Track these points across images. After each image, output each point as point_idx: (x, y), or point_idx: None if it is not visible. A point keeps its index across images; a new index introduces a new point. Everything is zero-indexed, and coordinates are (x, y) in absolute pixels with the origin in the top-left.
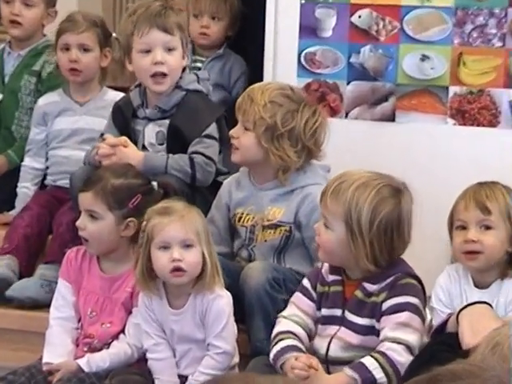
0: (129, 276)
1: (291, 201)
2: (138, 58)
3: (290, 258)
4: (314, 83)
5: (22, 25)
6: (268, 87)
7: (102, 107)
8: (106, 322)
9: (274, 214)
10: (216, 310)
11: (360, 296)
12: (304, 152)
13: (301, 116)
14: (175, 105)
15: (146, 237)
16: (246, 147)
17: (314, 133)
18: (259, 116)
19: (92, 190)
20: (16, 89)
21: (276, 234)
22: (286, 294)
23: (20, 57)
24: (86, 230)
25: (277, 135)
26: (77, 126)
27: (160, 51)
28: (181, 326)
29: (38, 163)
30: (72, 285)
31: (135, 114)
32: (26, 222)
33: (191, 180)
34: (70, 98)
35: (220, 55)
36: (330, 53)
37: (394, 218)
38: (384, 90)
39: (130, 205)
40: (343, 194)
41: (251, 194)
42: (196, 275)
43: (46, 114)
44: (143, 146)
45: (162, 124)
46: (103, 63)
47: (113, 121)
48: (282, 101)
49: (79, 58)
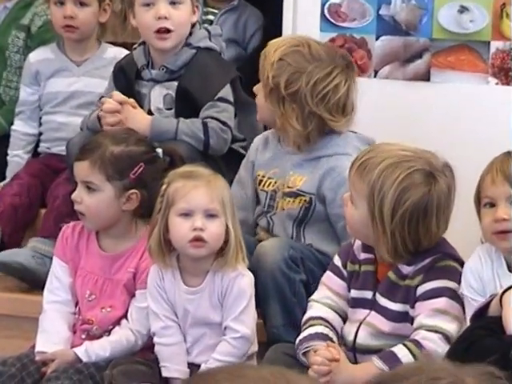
0: (131, 254)
1: (316, 169)
2: (140, 12)
3: (310, 233)
4: (338, 38)
5: None
6: (285, 43)
7: (103, 66)
8: (106, 306)
9: (295, 181)
10: (237, 289)
11: (393, 278)
12: (313, 119)
13: (308, 77)
14: (184, 64)
15: (166, 201)
16: (260, 106)
17: (323, 97)
18: (266, 76)
19: (89, 158)
20: (3, 46)
21: (295, 203)
22: (304, 274)
23: (6, 9)
24: (83, 203)
25: (280, 98)
26: (74, 89)
27: (164, 4)
28: (196, 307)
29: (31, 128)
30: (68, 264)
31: (139, 76)
32: (14, 191)
33: (204, 147)
34: (65, 57)
35: (234, 7)
36: (357, 4)
37: (420, 208)
38: (417, 45)
39: (131, 175)
40: (369, 173)
41: (276, 156)
42: (216, 249)
43: (38, 72)
44: (149, 111)
45: (170, 86)
46: (102, 18)
47: (114, 83)
48: (292, 59)
49: (75, 13)
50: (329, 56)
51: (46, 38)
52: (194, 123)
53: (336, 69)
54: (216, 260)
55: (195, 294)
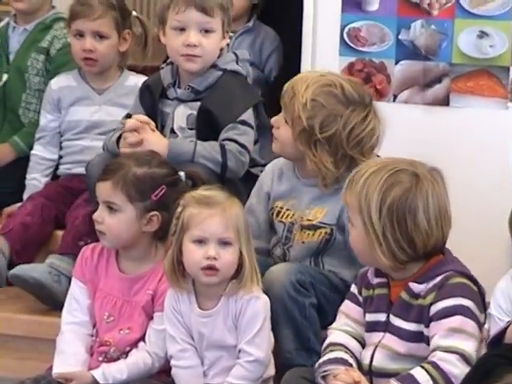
0: (151, 276)
1: (336, 200)
2: (170, 34)
3: (329, 261)
4: (358, 62)
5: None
6: (315, 81)
7: (124, 95)
8: (124, 328)
9: (316, 214)
10: (251, 312)
11: (405, 297)
12: (345, 161)
13: (345, 122)
14: (210, 85)
15: (181, 225)
16: (284, 142)
17: (359, 142)
18: (297, 115)
19: (111, 179)
20: (22, 68)
21: (315, 236)
22: (315, 297)
23: (26, 32)
24: (104, 223)
25: (314, 140)
26: (96, 118)
27: (195, 33)
28: (210, 330)
29: (50, 153)
30: (87, 286)
31: (165, 94)
32: (27, 211)
33: (221, 169)
34: (87, 85)
35: (249, 29)
36: (377, 28)
37: (404, 203)
38: (437, 70)
39: (153, 197)
40: (356, 185)
41: (294, 188)
42: (229, 276)
43: (59, 100)
44: (172, 129)
45: (194, 106)
46: (122, 48)
47: (140, 100)
48: (325, 100)
49: (95, 46)
50: (360, 97)
51: (65, 61)
52: (211, 145)
53: (370, 112)
54: (230, 284)
55: (209, 317)
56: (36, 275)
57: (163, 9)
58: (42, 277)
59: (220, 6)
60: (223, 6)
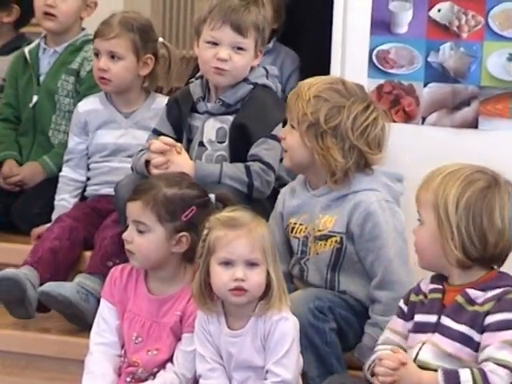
0: (179, 298)
1: (343, 207)
2: (203, 47)
3: (345, 277)
4: (386, 85)
5: (56, 17)
6: (317, 81)
7: (150, 118)
8: (152, 349)
9: (326, 224)
10: (279, 333)
11: (461, 301)
12: (353, 153)
13: (348, 111)
14: (241, 99)
15: (207, 248)
16: (292, 148)
17: (364, 131)
18: (302, 112)
19: (142, 199)
20: (52, 90)
21: (327, 246)
22: (334, 322)
23: (56, 54)
24: (133, 243)
25: (320, 133)
26: (122, 141)
27: (226, 48)
28: (239, 350)
29: (79, 175)
30: (116, 307)
31: (194, 108)
32: (54, 235)
33: (248, 189)
34: (113, 108)
35: (269, 50)
36: (406, 51)
37: (483, 199)
38: (466, 93)
39: (182, 217)
40: (433, 182)
41: (304, 202)
42: (257, 296)
43: (86, 123)
44: (200, 143)
45: (224, 120)
46: (142, 71)
47: (167, 115)
48: (328, 95)
49: (108, 66)
50: (361, 91)
51: (95, 83)
52: (237, 167)
53: (372, 104)
54: (259, 304)
55: (238, 337)
56: (65, 292)
57: (199, 22)
58: (71, 294)
59: (255, 26)
60: (258, 26)
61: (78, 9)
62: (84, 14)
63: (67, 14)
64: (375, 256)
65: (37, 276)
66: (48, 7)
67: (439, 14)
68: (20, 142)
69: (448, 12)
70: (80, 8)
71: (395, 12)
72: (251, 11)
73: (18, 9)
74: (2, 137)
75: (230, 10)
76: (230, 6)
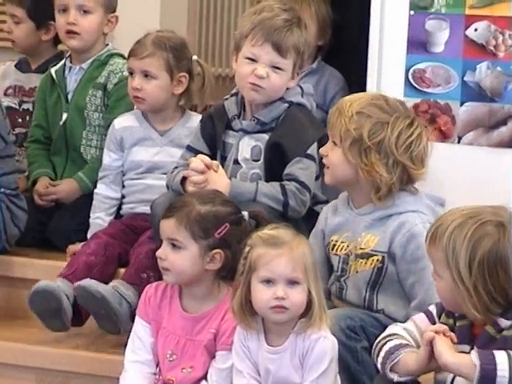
0: (213, 316)
1: (387, 227)
2: (242, 62)
3: (383, 296)
4: (422, 104)
5: (79, 34)
6: (359, 97)
7: (185, 136)
8: (186, 367)
9: (368, 242)
10: (318, 352)
11: (492, 332)
12: (397, 168)
13: (392, 127)
14: (276, 118)
15: (248, 266)
16: (334, 164)
17: (408, 147)
18: (345, 129)
19: (175, 216)
20: (81, 106)
21: (367, 264)
22: (366, 341)
23: (82, 70)
24: (167, 260)
25: (364, 149)
26: (157, 159)
27: (265, 67)
28: (277, 367)
29: (114, 192)
30: (150, 325)
31: (229, 126)
32: (90, 250)
33: (283, 208)
34: (149, 125)
35: (313, 70)
36: (442, 70)
37: (495, 256)
38: (503, 112)
39: (216, 234)
40: (441, 239)
41: (347, 220)
42: (298, 314)
43: (122, 139)
44: (235, 160)
45: (259, 138)
46: (176, 90)
47: (201, 132)
48: (371, 111)
49: (142, 85)
50: (403, 107)
51: (123, 95)
52: (272, 185)
53: (416, 120)
54: (299, 322)
55: (277, 354)
56: (102, 290)
57: (241, 37)
58: (107, 294)
59: (295, 48)
60: (299, 49)
61: (99, 25)
62: (106, 29)
63: (89, 30)
64: (416, 278)
65: (71, 287)
66: (70, 25)
67: (476, 33)
68: (53, 160)
69: (485, 31)
70: (102, 24)
71: (432, 31)
72: (293, 33)
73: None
74: (34, 157)
75: (272, 30)
76: (273, 25)
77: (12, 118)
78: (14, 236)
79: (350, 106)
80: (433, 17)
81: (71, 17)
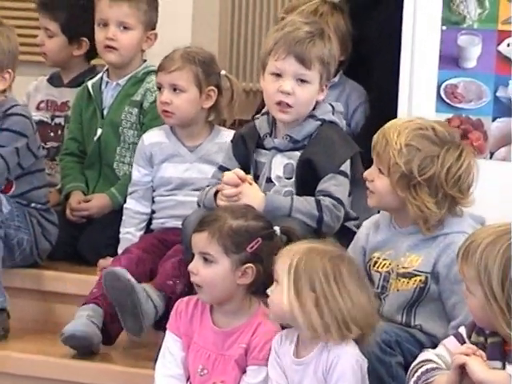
0: (244, 330)
1: (432, 248)
2: (267, 79)
3: (422, 313)
4: (454, 119)
5: (117, 50)
6: (406, 126)
7: (215, 152)
8: (217, 382)
9: (411, 262)
10: (341, 368)
11: None
12: (446, 201)
13: (442, 162)
14: (308, 135)
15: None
16: (381, 193)
17: (457, 179)
18: (394, 161)
19: (207, 230)
20: (116, 122)
21: (409, 284)
22: (401, 356)
23: (119, 86)
24: (199, 274)
25: (413, 184)
26: (187, 176)
27: (290, 81)
28: (301, 378)
29: (144, 207)
30: (181, 339)
31: (260, 144)
32: (122, 266)
33: (318, 224)
34: (178, 141)
35: (335, 84)
36: (474, 85)
37: None
38: None
39: (248, 249)
40: (473, 256)
41: (390, 238)
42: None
43: (151, 155)
44: (268, 178)
45: (292, 156)
46: (205, 104)
47: (233, 151)
48: (420, 144)
49: (170, 99)
50: (451, 136)
51: (159, 114)
52: (307, 200)
53: (464, 150)
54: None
55: (301, 365)
56: (132, 281)
57: (265, 54)
58: (137, 286)
59: (320, 59)
60: (323, 60)
61: (138, 41)
62: (145, 45)
63: (128, 46)
64: (459, 298)
65: (100, 314)
66: (109, 40)
67: (508, 48)
68: (86, 174)
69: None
70: (140, 40)
71: (464, 46)
72: (316, 44)
73: (88, 42)
74: (68, 170)
75: (294, 42)
76: (295, 37)
77: (44, 132)
78: (45, 250)
79: (397, 137)
80: (465, 32)
81: (111, 32)
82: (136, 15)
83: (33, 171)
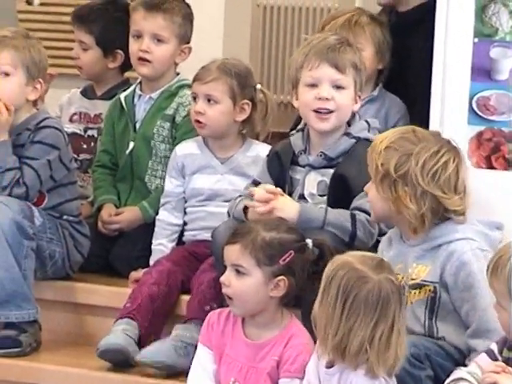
0: (276, 343)
1: (437, 257)
2: (303, 91)
3: (443, 325)
4: (486, 132)
5: (151, 63)
6: (389, 133)
7: (246, 165)
8: None
9: (419, 273)
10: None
11: None
12: (426, 199)
13: (417, 158)
14: (343, 153)
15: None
16: (372, 201)
17: (433, 175)
18: (375, 165)
19: (240, 242)
20: (148, 136)
21: (421, 294)
22: (431, 369)
23: (151, 100)
24: (231, 286)
25: (392, 182)
26: (218, 187)
27: (328, 86)
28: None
29: (176, 218)
30: (213, 351)
31: (294, 161)
32: (153, 279)
33: (350, 239)
34: (210, 153)
35: (374, 97)
36: (507, 98)
37: None
38: None
39: (280, 261)
40: (502, 270)
41: (400, 252)
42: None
43: (183, 166)
44: (301, 195)
45: (326, 173)
46: (239, 117)
47: (268, 168)
48: (399, 144)
49: (204, 109)
50: (434, 138)
51: (191, 128)
52: (341, 214)
53: (443, 148)
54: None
55: (328, 375)
56: (163, 359)
57: (296, 70)
58: (170, 359)
59: (353, 64)
60: (356, 64)
61: (172, 54)
62: (178, 59)
63: (161, 59)
64: (470, 306)
65: (135, 327)
66: (142, 52)
67: None
68: (118, 187)
69: None
70: (174, 53)
71: (496, 59)
72: (347, 50)
73: (123, 54)
74: (100, 182)
75: (326, 49)
76: (326, 44)
77: (77, 144)
78: (77, 262)
79: (380, 143)
80: (497, 44)
81: (144, 44)
82: (170, 28)
83: (65, 184)
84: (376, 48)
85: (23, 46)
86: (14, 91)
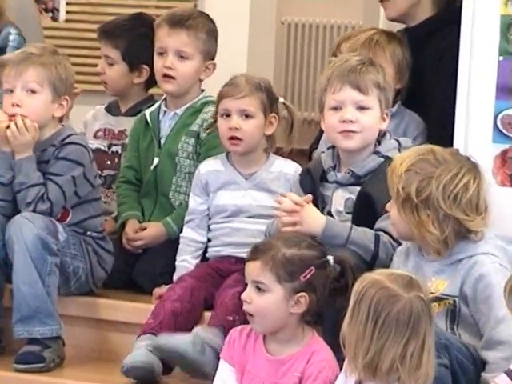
0: (298, 359)
1: (457, 271)
2: (328, 114)
3: (465, 335)
4: (511, 149)
5: (175, 79)
6: (409, 154)
7: (269, 180)
8: None
9: (438, 287)
10: None
11: None
12: (449, 222)
13: (437, 181)
14: (371, 171)
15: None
16: (395, 222)
17: (454, 198)
18: (396, 188)
19: (261, 259)
20: (173, 152)
21: (441, 306)
22: (447, 360)
23: (176, 116)
24: (252, 303)
25: (414, 206)
26: (242, 203)
27: (351, 110)
28: None
29: (200, 235)
30: (235, 368)
31: (325, 178)
32: (176, 296)
33: (371, 259)
34: (234, 169)
35: (392, 114)
36: None
37: None
38: None
39: (301, 278)
40: None
41: (418, 266)
42: None
43: (207, 183)
44: (328, 212)
45: (353, 191)
46: (268, 131)
47: (301, 185)
48: (419, 167)
49: (240, 125)
50: (454, 158)
51: (216, 144)
52: (366, 233)
53: (463, 168)
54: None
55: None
56: (177, 345)
57: (321, 92)
58: (187, 347)
59: (376, 84)
60: (379, 84)
61: (196, 71)
62: (203, 75)
63: (185, 76)
64: (485, 318)
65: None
66: (166, 69)
67: None
68: (142, 203)
69: None
70: (199, 70)
71: None
72: (369, 70)
73: (148, 69)
74: (124, 197)
75: (347, 71)
76: (347, 67)
77: (101, 160)
78: (100, 278)
79: (400, 165)
80: None
81: (168, 61)
82: (194, 44)
83: (89, 200)
84: (396, 68)
85: (50, 63)
86: (40, 108)
